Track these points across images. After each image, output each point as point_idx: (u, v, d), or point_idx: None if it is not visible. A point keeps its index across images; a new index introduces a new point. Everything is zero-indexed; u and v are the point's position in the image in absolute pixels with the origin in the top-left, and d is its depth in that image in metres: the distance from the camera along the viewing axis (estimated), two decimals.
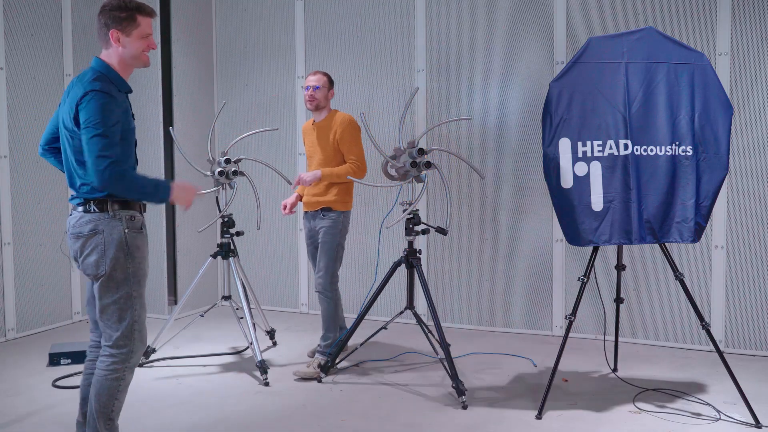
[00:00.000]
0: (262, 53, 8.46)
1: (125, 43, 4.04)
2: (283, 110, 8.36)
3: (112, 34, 4.03)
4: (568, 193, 5.21)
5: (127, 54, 4.05)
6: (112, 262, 3.95)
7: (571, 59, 5.32)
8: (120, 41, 4.03)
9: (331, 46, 8.06)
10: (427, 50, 7.56)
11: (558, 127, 5.25)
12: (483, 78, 7.36)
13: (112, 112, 3.83)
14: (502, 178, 7.32)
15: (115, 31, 4.03)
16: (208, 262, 6.60)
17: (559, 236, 7.06)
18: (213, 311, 6.92)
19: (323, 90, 6.28)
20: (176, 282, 8.26)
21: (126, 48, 4.04)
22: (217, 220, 6.63)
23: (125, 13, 4.04)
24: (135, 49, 4.06)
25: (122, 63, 4.08)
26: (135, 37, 4.06)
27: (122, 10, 4.04)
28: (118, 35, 4.03)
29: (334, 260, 6.21)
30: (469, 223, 7.49)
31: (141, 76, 7.98)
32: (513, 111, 7.28)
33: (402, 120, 5.76)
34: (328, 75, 6.36)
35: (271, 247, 8.52)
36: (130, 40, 4.05)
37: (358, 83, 7.93)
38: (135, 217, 4.01)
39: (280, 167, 6.99)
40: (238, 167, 6.46)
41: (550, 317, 7.26)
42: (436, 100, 7.55)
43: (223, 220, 6.52)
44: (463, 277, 7.55)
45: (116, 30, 4.03)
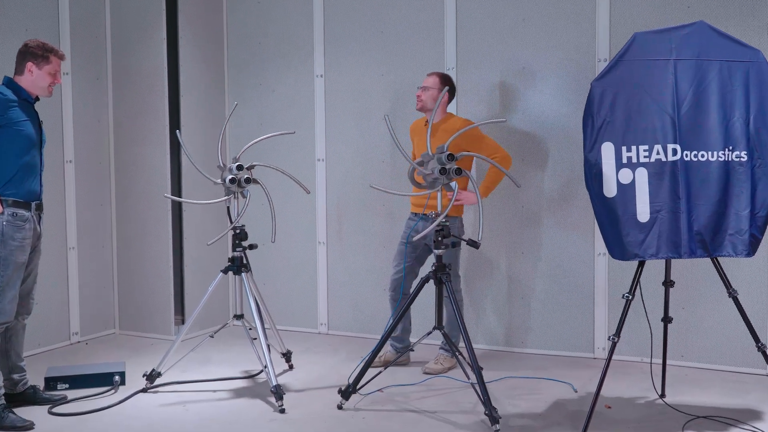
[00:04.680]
0: (278, 50, 8.55)
1: (36, 74, 5.74)
2: (300, 112, 8.44)
3: (28, 65, 5.73)
4: (612, 203, 5.25)
5: (35, 83, 5.75)
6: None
7: (614, 56, 5.36)
8: (32, 72, 5.74)
9: (353, 41, 8.15)
10: (457, 46, 7.63)
11: (600, 131, 5.29)
12: (518, 77, 7.43)
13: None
14: (539, 187, 7.39)
15: (31, 63, 5.73)
16: (219, 277, 6.66)
17: (602, 250, 7.10)
18: (224, 331, 6.96)
19: (432, 92, 6.72)
20: (183, 300, 8.39)
21: (36, 78, 5.74)
22: (229, 232, 6.68)
23: (41, 52, 5.75)
24: (42, 81, 5.76)
25: (29, 88, 5.76)
26: (45, 71, 5.75)
27: (40, 49, 5.76)
28: (32, 67, 5.73)
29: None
30: (502, 235, 7.55)
31: (146, 76, 8.14)
32: (551, 113, 7.34)
33: (430, 121, 5.81)
34: (443, 77, 6.84)
35: (287, 261, 8.61)
36: (41, 73, 5.74)
37: (381, 82, 8.02)
38: (17, 213, 5.66)
39: (297, 174, 7.02)
40: (251, 174, 6.53)
41: (591, 338, 7.30)
42: (466, 100, 7.62)
43: (234, 232, 6.58)
44: (496, 293, 7.62)
45: (32, 63, 5.73)
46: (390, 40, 7.96)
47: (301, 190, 6.79)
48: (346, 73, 8.19)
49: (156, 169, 8.14)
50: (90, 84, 8.17)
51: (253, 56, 8.68)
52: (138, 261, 8.34)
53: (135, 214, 8.32)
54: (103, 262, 8.36)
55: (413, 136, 7.09)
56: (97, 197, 8.26)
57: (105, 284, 8.37)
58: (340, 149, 8.26)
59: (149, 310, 8.31)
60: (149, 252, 8.26)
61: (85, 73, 8.12)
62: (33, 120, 5.81)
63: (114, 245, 8.45)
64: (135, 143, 8.27)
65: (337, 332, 8.34)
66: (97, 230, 8.29)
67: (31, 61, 5.73)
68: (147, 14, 8.14)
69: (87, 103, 8.13)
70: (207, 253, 8.30)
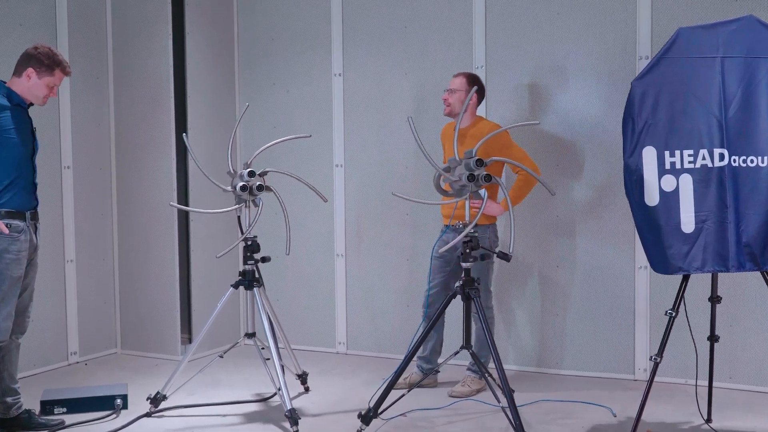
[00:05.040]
0: (293, 46, 8.62)
1: (33, 82, 5.81)
2: (317, 114, 8.51)
3: (29, 71, 5.80)
4: (654, 212, 5.28)
5: (30, 90, 5.83)
6: None
7: (656, 54, 5.39)
8: (30, 78, 5.81)
9: (374, 37, 8.22)
10: (486, 43, 7.68)
11: (641, 134, 5.32)
12: (553, 76, 7.48)
13: None
14: (575, 195, 7.45)
15: (32, 70, 5.80)
16: (229, 293, 6.66)
17: (643, 263, 7.13)
18: (234, 351, 6.98)
19: (459, 94, 6.83)
20: (190, 317, 8.43)
21: (32, 86, 5.82)
22: (239, 244, 6.73)
23: (48, 62, 5.82)
24: (38, 91, 5.85)
25: (23, 92, 5.84)
26: (44, 82, 5.83)
27: (47, 59, 5.83)
28: (32, 73, 5.80)
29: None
30: (535, 247, 7.61)
31: (150, 75, 8.19)
32: (587, 115, 7.38)
33: (457, 125, 5.85)
34: (471, 77, 6.92)
35: (302, 275, 8.68)
36: (39, 83, 5.82)
37: (405, 81, 8.08)
38: (12, 224, 5.73)
39: (314, 181, 7.01)
40: (263, 181, 6.57)
41: (631, 358, 7.33)
42: (496, 102, 7.66)
43: (246, 244, 6.61)
44: (529, 310, 7.67)
45: (33, 69, 5.80)
46: (414, 37, 8.03)
47: (317, 198, 6.82)
48: (367, 72, 8.26)
49: (161, 175, 8.20)
50: (90, 83, 8.24)
51: (266, 53, 8.75)
52: (141, 275, 8.40)
53: (138, 224, 8.39)
54: (104, 276, 8.42)
55: (444, 142, 7.16)
56: (97, 206, 8.33)
57: (106, 300, 8.44)
58: (360, 154, 8.33)
59: (153, 328, 8.37)
60: (154, 265, 8.31)
61: (85, 72, 8.18)
62: (26, 126, 5.90)
63: (115, 258, 8.52)
64: (138, 147, 8.33)
65: (357, 352, 8.40)
66: (97, 242, 8.35)
67: (34, 67, 5.81)
68: (151, 8, 8.19)
69: (86, 104, 8.20)
70: (216, 266, 8.37)
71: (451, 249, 6.04)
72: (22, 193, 5.85)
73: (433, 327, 6.32)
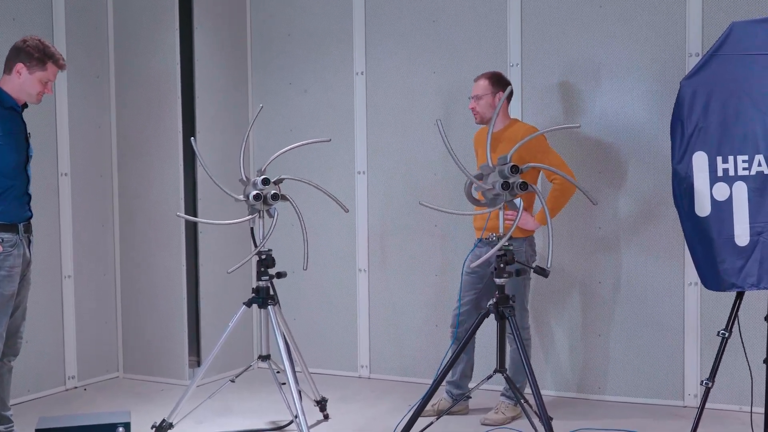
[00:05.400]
0: (311, 43, 8.67)
1: (24, 78, 5.79)
2: (337, 116, 8.57)
3: (18, 66, 5.79)
4: (705, 223, 5.30)
5: (21, 87, 5.81)
6: None
7: (708, 51, 5.44)
8: (21, 75, 5.79)
9: (399, 33, 8.26)
10: (522, 39, 7.71)
11: (691, 138, 5.35)
12: (594, 75, 7.49)
13: None
14: (619, 204, 7.46)
15: (22, 65, 5.78)
16: (241, 311, 6.70)
17: (693, 279, 7.12)
18: (247, 375, 7.01)
19: (486, 98, 6.89)
20: (199, 337, 8.48)
21: (23, 83, 5.80)
22: (252, 258, 6.78)
23: (38, 55, 5.79)
24: (30, 88, 5.82)
25: (15, 91, 5.83)
26: (36, 78, 5.81)
27: (38, 51, 5.80)
28: (22, 69, 5.79)
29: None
30: (576, 261, 7.64)
31: (155, 74, 8.24)
32: (633, 117, 7.39)
33: (490, 129, 5.87)
34: (494, 78, 6.95)
35: (321, 292, 8.73)
36: (30, 79, 5.80)
37: (433, 81, 8.12)
38: (4, 238, 5.74)
39: (334, 190, 7.04)
40: (279, 190, 6.62)
41: (680, 382, 7.33)
42: (533, 102, 7.70)
43: (259, 258, 6.66)
44: (568, 330, 7.69)
45: (23, 64, 5.78)
46: (443, 32, 8.06)
47: (338, 208, 6.88)
48: (392, 71, 8.31)
49: (167, 183, 8.26)
50: (89, 83, 8.31)
51: (282, 50, 8.81)
52: (146, 292, 8.45)
53: (142, 237, 8.45)
54: (105, 292, 8.48)
55: (477, 147, 7.21)
56: (97, 216, 8.39)
57: (107, 319, 8.50)
58: (384, 160, 8.38)
59: (159, 350, 8.44)
60: (159, 281, 8.37)
61: (84, 71, 8.24)
62: (19, 131, 5.92)
63: (117, 273, 8.58)
64: (142, 153, 8.40)
65: (381, 376, 8.44)
66: (98, 255, 8.41)
67: (24, 62, 5.79)
68: (157, 1, 8.25)
69: (85, 106, 8.25)
70: (227, 282, 8.40)
71: (483, 264, 6.08)
72: (15, 204, 5.87)
73: (464, 349, 6.35)
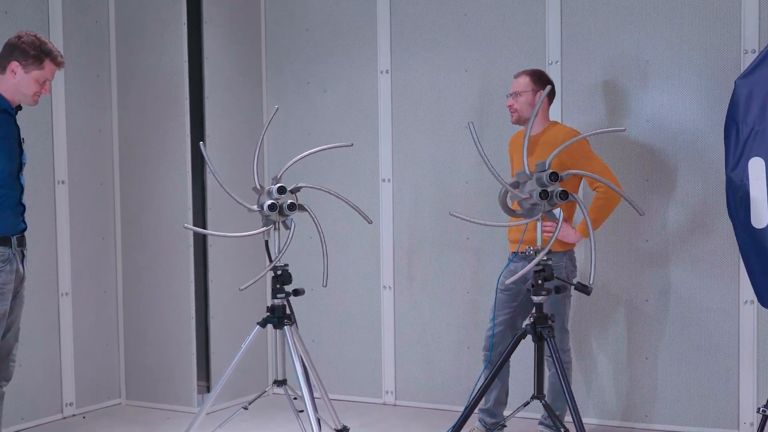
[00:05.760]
0: (331, 38, 8.72)
1: (20, 78, 5.77)
2: (360, 118, 8.61)
3: (12, 65, 5.76)
4: (762, 235, 5.34)
5: (17, 88, 5.79)
6: None
7: (765, 47, 5.46)
8: (16, 74, 5.76)
9: (428, 27, 8.29)
10: (563, 34, 7.73)
11: (747, 143, 5.38)
12: (641, 73, 7.49)
13: None
14: (668, 215, 7.46)
15: (17, 63, 5.76)
16: (255, 332, 6.73)
17: (749, 296, 7.09)
18: (261, 402, 7.01)
19: (526, 96, 6.87)
20: (209, 361, 8.51)
21: (18, 83, 5.77)
22: (267, 274, 6.80)
23: (34, 52, 5.77)
24: (26, 89, 5.80)
25: (9, 92, 5.81)
26: (32, 77, 5.78)
27: (33, 48, 5.77)
28: (16, 68, 5.76)
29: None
30: (620, 277, 7.63)
31: (160, 73, 8.29)
32: (683, 119, 7.38)
33: (527, 132, 5.90)
34: (536, 75, 6.95)
35: (343, 311, 8.77)
36: (26, 78, 5.77)
37: (464, 80, 8.15)
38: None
39: (356, 199, 7.02)
40: (295, 199, 6.64)
41: (735, 410, 7.32)
42: (574, 103, 7.72)
43: (275, 274, 6.68)
44: (612, 352, 7.69)
45: (18, 63, 5.76)
46: (476, 26, 8.08)
47: (361, 219, 6.91)
48: (420, 69, 8.35)
49: (174, 192, 8.31)
50: (89, 83, 8.37)
51: (300, 46, 8.85)
52: (151, 310, 8.49)
53: (146, 251, 8.50)
54: (106, 312, 8.53)
55: (512, 153, 7.21)
56: (97, 228, 8.45)
57: (108, 341, 8.55)
58: (411, 166, 8.41)
59: (165, 374, 8.48)
60: (165, 299, 8.40)
61: (83, 69, 8.30)
62: (13, 136, 5.91)
63: (119, 290, 8.63)
64: (146, 159, 8.45)
65: (408, 403, 8.47)
66: (98, 271, 8.46)
67: (19, 60, 5.77)
68: None
69: (84, 108, 8.31)
70: (239, 300, 8.38)
71: (519, 280, 6.11)
72: (8, 215, 5.86)
73: (498, 373, 6.40)
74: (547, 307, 6.22)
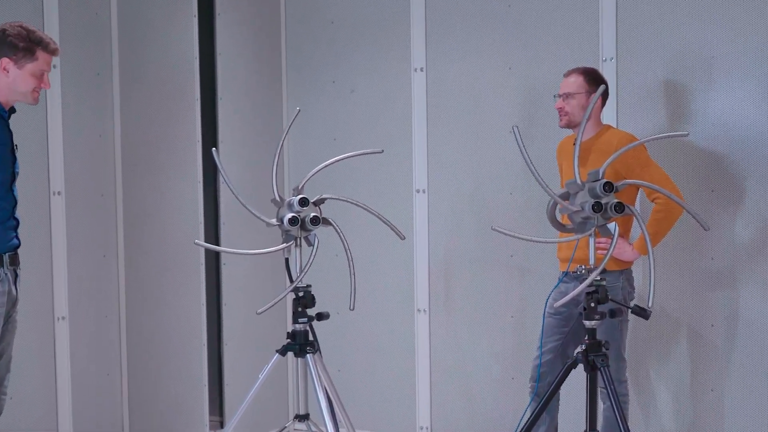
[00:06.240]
0: (359, 32, 8.80)
1: (14, 75, 5.77)
2: (391, 122, 8.68)
3: (2, 62, 5.74)
4: None
5: (12, 87, 5.79)
6: None
7: None
8: (8, 72, 5.76)
9: (467, 21, 8.33)
10: (618, 27, 7.72)
11: None
12: (707, 71, 7.46)
13: None
14: (736, 230, 7.45)
15: (7, 59, 5.74)
16: (274, 360, 6.78)
17: None
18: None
19: (579, 98, 6.92)
20: (222, 393, 8.60)
21: (13, 81, 5.77)
22: (288, 296, 6.89)
23: (24, 44, 5.74)
24: (23, 86, 5.80)
25: (2, 94, 5.83)
26: (27, 71, 5.77)
27: (22, 40, 5.74)
28: (7, 64, 5.74)
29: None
30: (683, 300, 7.62)
31: (168, 71, 8.38)
32: (754, 123, 7.36)
33: (578, 138, 5.96)
34: (589, 74, 7.03)
35: (372, 338, 8.85)
36: (21, 74, 5.77)
37: (509, 79, 8.18)
38: None
39: (387, 212, 7.09)
40: (319, 212, 6.69)
41: None
42: (632, 105, 7.71)
43: (296, 296, 6.72)
44: (674, 383, 7.68)
45: (8, 59, 5.74)
46: (521, 19, 8.11)
47: (392, 234, 6.96)
48: (458, 66, 8.39)
49: (183, 204, 8.40)
50: (88, 82, 8.38)
51: (324, 41, 8.94)
52: (157, 337, 8.56)
53: (152, 270, 8.57)
54: (107, 338, 8.56)
55: (561, 161, 7.28)
56: (97, 245, 8.47)
57: (109, 371, 8.58)
58: (448, 176, 8.46)
59: (173, 408, 8.55)
60: (173, 324, 8.48)
61: (81, 67, 8.29)
62: (5, 143, 5.94)
63: (122, 314, 8.66)
64: (152, 167, 8.54)
65: None
66: (98, 293, 8.47)
67: (9, 56, 5.75)
68: None
69: (83, 110, 8.29)
70: (256, 324, 8.45)
71: (570, 303, 6.17)
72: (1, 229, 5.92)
73: (546, 407, 6.44)
74: (601, 332, 6.20)
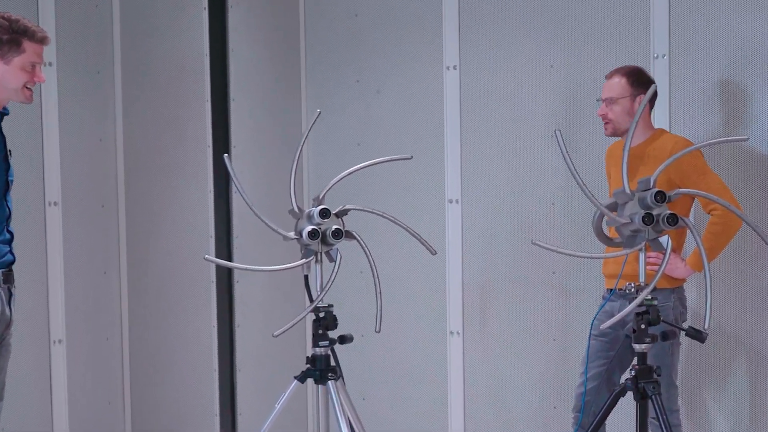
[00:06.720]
0: (386, 27, 8.93)
1: (2, 72, 5.72)
2: (421, 125, 8.80)
3: None
4: None
5: (2, 84, 5.75)
6: None
7: None
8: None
9: (503, 15, 8.42)
10: (671, 21, 7.76)
11: None
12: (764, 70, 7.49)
13: None
14: None
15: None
16: (292, 387, 6.80)
17: None
18: None
19: (623, 103, 7.01)
20: (235, 423, 8.71)
21: (2, 77, 5.73)
22: (307, 317, 6.95)
23: (8, 36, 5.69)
24: (13, 82, 5.75)
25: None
26: (15, 66, 5.72)
27: (4, 32, 5.68)
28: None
29: None
30: (740, 320, 7.66)
31: (176, 70, 8.55)
32: None
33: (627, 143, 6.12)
34: (633, 74, 7.06)
35: (401, 362, 8.98)
36: (9, 69, 5.72)
37: (550, 78, 8.27)
38: None
39: (418, 225, 7.08)
40: (342, 224, 6.72)
41: None
42: (685, 106, 7.77)
43: (316, 317, 6.75)
44: (733, 412, 7.69)
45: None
46: (563, 12, 8.20)
47: (422, 249, 6.99)
48: (493, 65, 8.49)
49: (192, 215, 8.59)
50: (87, 81, 8.63)
51: (347, 37, 9.09)
52: (163, 362, 8.74)
53: (158, 288, 8.74)
54: (108, 363, 8.76)
55: (610, 168, 7.36)
56: (97, 260, 8.69)
57: (111, 398, 8.78)
58: (484, 184, 8.56)
59: None
60: (181, 348, 8.66)
61: (80, 65, 8.54)
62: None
63: (125, 336, 8.88)
64: (158, 175, 8.72)
65: None
66: (98, 313, 8.68)
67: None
68: None
69: (82, 112, 8.53)
70: (272, 348, 8.63)
71: (618, 324, 6.27)
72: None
73: None
74: (652, 357, 6.22)
